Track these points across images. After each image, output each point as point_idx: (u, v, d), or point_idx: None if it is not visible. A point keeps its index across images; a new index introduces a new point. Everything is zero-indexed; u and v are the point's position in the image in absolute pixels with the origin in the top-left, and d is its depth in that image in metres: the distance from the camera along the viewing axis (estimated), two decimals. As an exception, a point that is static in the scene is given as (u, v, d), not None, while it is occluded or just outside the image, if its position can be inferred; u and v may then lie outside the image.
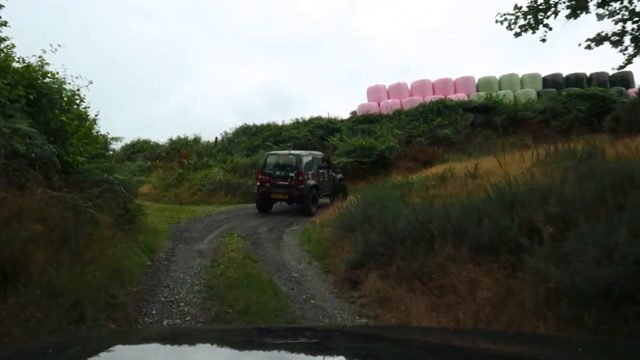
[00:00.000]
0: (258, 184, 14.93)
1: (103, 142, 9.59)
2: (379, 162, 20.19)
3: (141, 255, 7.48)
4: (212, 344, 1.75)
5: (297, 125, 24.65)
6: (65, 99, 8.54)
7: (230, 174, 20.67)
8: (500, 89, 26.21)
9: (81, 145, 8.01)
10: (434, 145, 21.46)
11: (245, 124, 26.53)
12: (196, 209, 16.31)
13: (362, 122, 24.39)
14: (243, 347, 1.71)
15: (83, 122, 8.38)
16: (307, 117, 25.38)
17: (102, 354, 1.43)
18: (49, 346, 1.67)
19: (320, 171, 15.73)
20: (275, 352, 1.67)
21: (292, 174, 14.29)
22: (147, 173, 24.74)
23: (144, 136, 30.89)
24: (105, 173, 7.69)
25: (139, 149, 29.45)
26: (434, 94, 27.03)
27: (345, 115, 26.24)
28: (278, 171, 14.60)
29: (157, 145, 29.50)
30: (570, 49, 21.56)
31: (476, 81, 27.08)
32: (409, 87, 27.89)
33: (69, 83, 9.53)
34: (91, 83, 9.66)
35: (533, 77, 26.48)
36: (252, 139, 24.55)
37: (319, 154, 17.32)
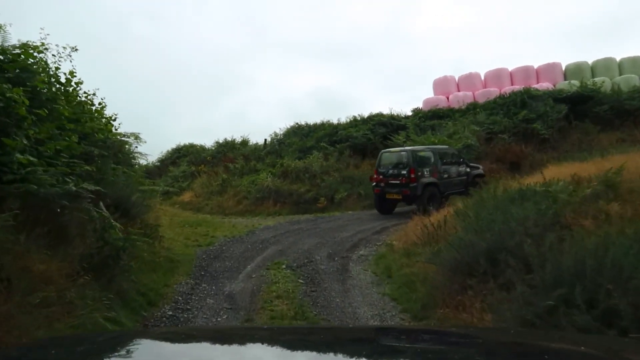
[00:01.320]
0: (373, 184, 13.71)
1: (91, 136, 6.60)
2: (455, 164, 16.55)
3: (123, 320, 4.36)
4: (262, 343, 1.67)
5: (355, 123, 21.32)
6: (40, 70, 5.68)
7: (279, 179, 17.62)
8: (593, 76, 21.89)
9: (46, 137, 5.04)
10: (521, 143, 17.56)
11: (297, 124, 23.50)
12: (238, 222, 13.30)
13: (430, 117, 20.79)
14: (295, 346, 1.61)
15: (51, 102, 5.39)
16: (365, 115, 22.04)
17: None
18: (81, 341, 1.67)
19: (444, 167, 13.64)
20: (331, 354, 1.51)
21: (403, 172, 12.81)
22: (189, 179, 22.21)
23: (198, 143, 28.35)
24: (73, 182, 4.64)
25: (184, 154, 27.06)
26: (512, 84, 23.09)
27: (406, 112, 22.67)
28: (391, 169, 13.24)
29: (202, 148, 27.02)
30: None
31: (563, 68, 22.87)
32: (482, 77, 23.99)
33: (54, 55, 6.74)
34: (76, 50, 6.79)
35: (635, 60, 21.90)
36: (305, 139, 21.44)
37: (444, 147, 14.83)
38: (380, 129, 19.95)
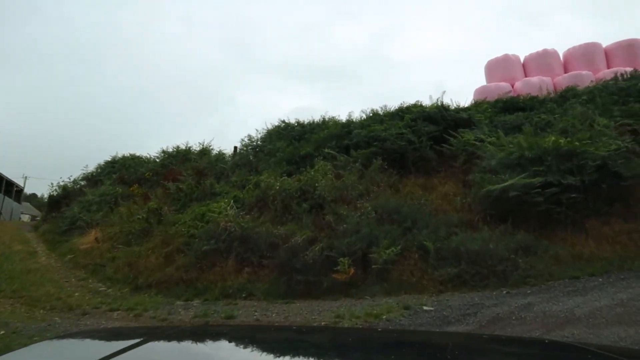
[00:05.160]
0: None
1: None
2: (601, 185, 7.99)
3: None
4: (268, 342, 1.57)
5: (380, 118, 12.62)
6: None
7: (252, 212, 8.84)
8: None
9: None
10: None
11: (284, 122, 14.65)
12: None
13: (505, 109, 12.30)
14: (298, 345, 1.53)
15: None
16: (391, 107, 13.34)
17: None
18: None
19: None
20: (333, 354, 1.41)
21: None
22: (106, 208, 13.16)
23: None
24: None
25: (120, 168, 17.95)
26: (608, 66, 14.86)
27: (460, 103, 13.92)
28: None
29: (147, 160, 17.96)
30: None
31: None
32: (561, 57, 15.68)
33: None
34: None
35: None
36: (297, 144, 12.62)
37: None
38: (427, 127, 11.22)
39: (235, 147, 15.52)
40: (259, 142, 14.66)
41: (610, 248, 7.07)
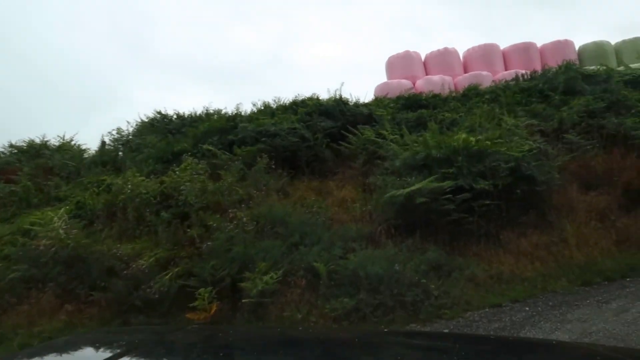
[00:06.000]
0: None
1: None
2: (515, 190, 6.92)
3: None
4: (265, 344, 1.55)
5: (271, 111, 10.87)
6: None
7: (97, 224, 6.62)
8: (619, 60, 14.18)
9: None
10: (613, 149, 8.55)
11: (160, 113, 12.30)
12: None
13: (407, 107, 11.14)
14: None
15: None
16: (283, 99, 11.62)
17: None
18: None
19: None
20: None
21: None
22: None
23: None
24: None
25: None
26: (506, 68, 14.57)
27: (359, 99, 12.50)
28: None
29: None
30: None
31: (576, 49, 14.86)
32: (461, 57, 15.11)
33: None
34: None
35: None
36: (172, 138, 10.44)
37: None
38: (324, 122, 9.68)
39: (104, 142, 12.87)
40: (130, 137, 12.18)
41: (530, 265, 5.93)
